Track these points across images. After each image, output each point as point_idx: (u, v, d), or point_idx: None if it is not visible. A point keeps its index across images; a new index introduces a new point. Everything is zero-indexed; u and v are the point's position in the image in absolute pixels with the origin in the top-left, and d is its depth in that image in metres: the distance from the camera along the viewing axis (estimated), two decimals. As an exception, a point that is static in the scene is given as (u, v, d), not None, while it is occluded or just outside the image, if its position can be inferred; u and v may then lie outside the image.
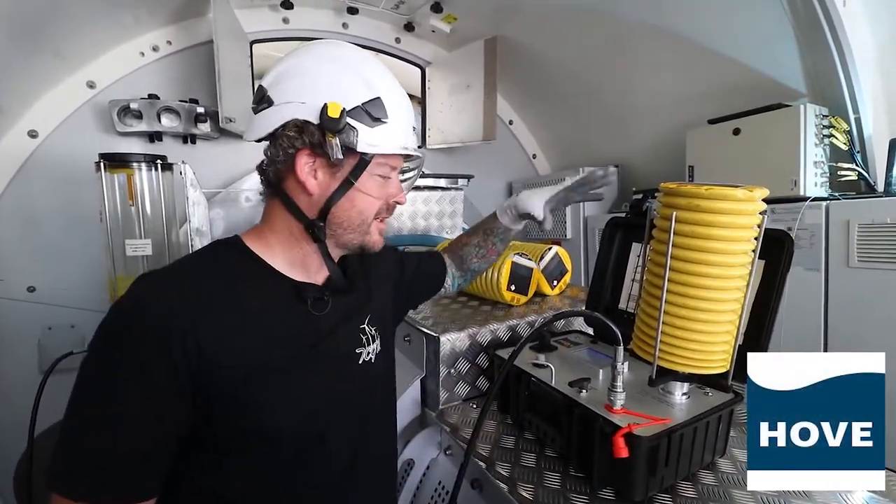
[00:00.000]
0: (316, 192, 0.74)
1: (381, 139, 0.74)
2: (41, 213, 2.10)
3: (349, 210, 0.76)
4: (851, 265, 1.60)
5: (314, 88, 0.71)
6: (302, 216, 0.76)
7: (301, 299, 0.77)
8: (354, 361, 0.84)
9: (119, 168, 1.71)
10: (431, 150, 3.04)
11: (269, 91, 0.74)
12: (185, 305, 0.65)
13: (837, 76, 1.73)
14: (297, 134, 0.71)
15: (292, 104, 0.71)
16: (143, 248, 1.74)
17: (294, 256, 0.78)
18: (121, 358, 0.61)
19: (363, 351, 0.85)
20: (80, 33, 1.98)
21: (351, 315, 0.86)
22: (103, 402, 0.61)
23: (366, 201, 0.77)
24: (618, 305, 1.22)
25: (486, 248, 1.17)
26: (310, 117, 0.70)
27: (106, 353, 0.63)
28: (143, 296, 0.65)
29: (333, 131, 0.69)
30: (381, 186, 0.79)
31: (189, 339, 0.62)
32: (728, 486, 0.87)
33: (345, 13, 2.63)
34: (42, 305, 2.13)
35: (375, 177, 0.77)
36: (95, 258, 1.86)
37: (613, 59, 2.49)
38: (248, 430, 0.69)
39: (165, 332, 0.61)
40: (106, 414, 0.61)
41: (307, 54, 0.75)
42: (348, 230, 0.78)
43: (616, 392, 0.86)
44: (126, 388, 0.61)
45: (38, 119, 2.05)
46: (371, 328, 0.89)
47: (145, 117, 2.13)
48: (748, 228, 0.81)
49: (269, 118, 0.73)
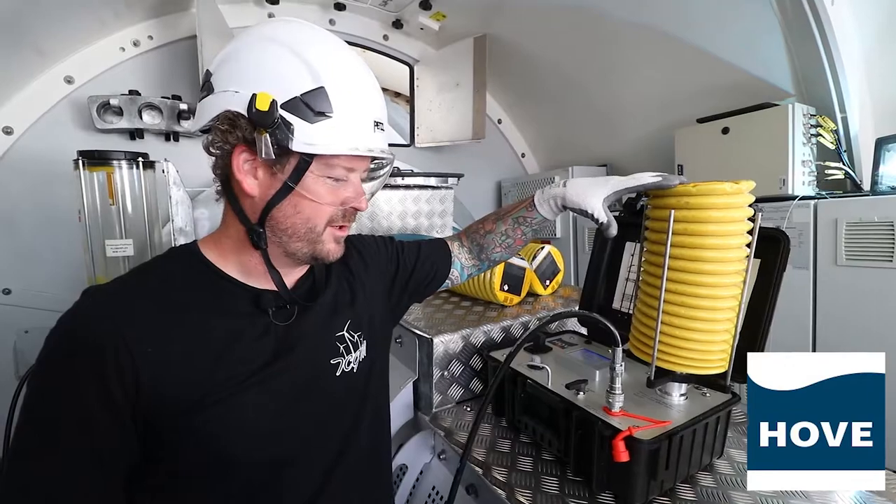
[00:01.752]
0: (255, 193, 0.65)
1: (325, 137, 0.62)
2: (17, 213, 2.03)
3: (293, 216, 0.67)
4: (839, 263, 1.62)
5: (246, 75, 0.62)
6: (245, 220, 0.67)
7: (261, 309, 0.70)
8: (330, 373, 0.76)
9: (98, 166, 1.65)
10: (420, 149, 3.02)
11: (213, 76, 0.65)
12: (121, 320, 0.59)
13: (825, 76, 1.75)
14: (230, 128, 0.62)
15: (227, 93, 0.62)
16: (125, 248, 1.68)
17: (247, 263, 0.70)
18: (55, 375, 0.58)
19: (341, 361, 0.77)
20: (57, 27, 1.92)
21: (324, 323, 0.78)
22: (41, 426, 0.58)
23: (312, 208, 0.67)
24: (612, 305, 1.21)
25: (515, 237, 1.00)
26: (241, 109, 0.61)
27: (44, 368, 0.60)
28: (80, 309, 0.61)
29: (263, 126, 0.60)
30: (334, 190, 0.68)
31: (123, 357, 0.57)
32: (727, 487, 0.86)
33: (332, 9, 2.59)
34: (18, 308, 2.07)
35: (325, 179, 0.67)
36: (74, 259, 1.79)
37: (603, 58, 2.49)
38: (204, 461, 0.63)
39: (98, 349, 0.57)
40: (44, 439, 0.57)
41: (248, 34, 0.66)
42: (294, 238, 0.68)
43: (615, 394, 0.84)
44: (60, 409, 0.57)
45: (13, 115, 1.98)
46: (353, 334, 0.80)
47: (126, 114, 2.07)
48: (740, 222, 0.80)
49: (207, 107, 0.64)
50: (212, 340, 0.64)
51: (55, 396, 0.57)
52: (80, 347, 0.58)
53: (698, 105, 2.16)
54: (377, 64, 2.82)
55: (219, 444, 0.63)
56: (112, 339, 0.58)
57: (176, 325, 0.63)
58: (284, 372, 0.69)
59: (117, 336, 0.58)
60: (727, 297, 0.82)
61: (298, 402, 0.71)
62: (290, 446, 0.69)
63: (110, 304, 0.62)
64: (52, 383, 0.58)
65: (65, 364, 0.58)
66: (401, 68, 2.99)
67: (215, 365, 0.63)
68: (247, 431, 0.65)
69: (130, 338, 0.58)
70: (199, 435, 0.62)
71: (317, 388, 0.74)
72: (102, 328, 0.59)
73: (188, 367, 0.61)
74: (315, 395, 0.73)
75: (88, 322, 0.60)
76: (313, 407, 0.73)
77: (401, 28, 2.79)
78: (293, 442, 0.70)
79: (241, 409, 0.64)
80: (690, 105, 2.22)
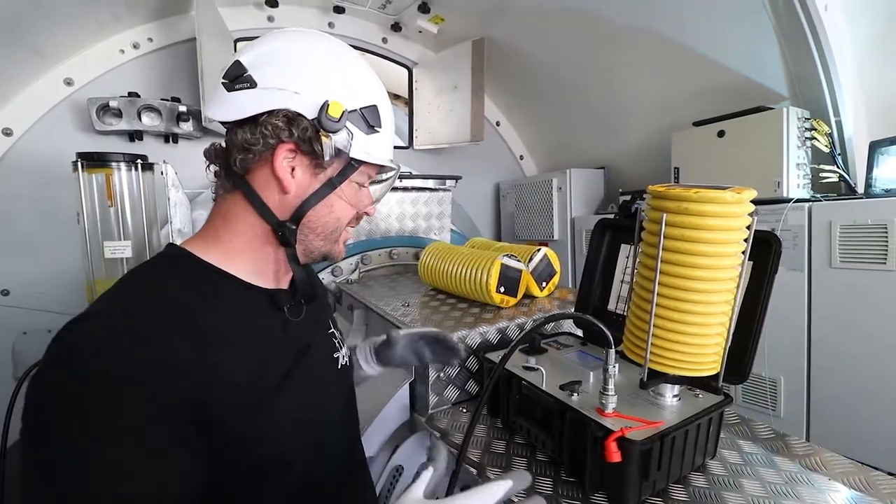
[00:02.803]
0: (292, 191, 0.67)
1: (374, 147, 0.71)
2: (16, 214, 2.05)
3: (326, 215, 0.71)
4: (834, 265, 1.63)
5: (310, 81, 0.66)
6: (270, 216, 0.68)
7: (277, 308, 0.72)
8: (334, 366, 0.82)
9: (97, 168, 1.66)
10: (419, 151, 3.04)
11: (252, 71, 0.65)
12: (170, 349, 0.54)
13: (819, 80, 1.76)
14: (286, 125, 0.64)
15: (284, 92, 0.64)
16: (123, 250, 1.69)
17: (259, 262, 0.70)
18: (109, 431, 0.49)
19: (339, 354, 0.84)
20: (57, 29, 1.93)
21: (320, 320, 0.84)
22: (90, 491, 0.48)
23: (343, 208, 0.73)
24: (607, 307, 1.22)
25: None
26: (304, 111, 0.64)
27: (80, 433, 0.48)
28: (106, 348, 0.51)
29: (330, 131, 0.65)
30: (356, 195, 0.75)
31: (184, 385, 0.53)
32: (720, 488, 0.87)
33: (331, 12, 2.61)
34: (17, 309, 2.07)
35: (354, 184, 0.73)
36: (72, 261, 1.80)
37: (600, 61, 2.51)
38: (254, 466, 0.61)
39: (150, 386, 0.51)
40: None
41: (301, 42, 0.69)
42: (320, 236, 0.72)
43: (608, 395, 0.85)
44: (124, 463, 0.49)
45: (12, 116, 2.00)
46: (337, 332, 0.87)
47: (125, 116, 2.09)
48: (738, 230, 0.81)
49: (249, 100, 0.65)
50: (244, 346, 0.63)
51: (113, 447, 0.49)
52: (121, 385, 0.50)
53: (694, 108, 2.17)
54: (376, 66, 2.81)
55: (264, 446, 0.62)
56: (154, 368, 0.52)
57: (211, 346, 0.58)
58: (308, 369, 0.72)
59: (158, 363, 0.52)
60: (720, 301, 0.83)
61: (322, 394, 0.75)
62: (322, 438, 0.73)
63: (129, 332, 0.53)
64: (105, 437, 0.49)
65: (119, 412, 0.50)
66: (399, 71, 3.01)
67: (256, 369, 0.62)
68: (291, 428, 0.66)
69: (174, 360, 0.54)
70: (248, 437, 0.60)
71: (333, 380, 0.80)
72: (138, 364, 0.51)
73: (230, 380, 0.58)
74: (333, 387, 0.79)
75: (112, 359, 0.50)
76: (335, 397, 0.79)
77: (399, 31, 2.81)
78: (324, 433, 0.73)
79: (282, 409, 0.64)
80: (687, 108, 2.24)
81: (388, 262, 2.26)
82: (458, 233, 2.89)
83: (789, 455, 0.98)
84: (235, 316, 0.64)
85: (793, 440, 1.03)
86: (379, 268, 2.23)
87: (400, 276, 2.19)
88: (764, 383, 1.82)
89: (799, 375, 1.74)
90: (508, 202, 3.32)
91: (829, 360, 1.68)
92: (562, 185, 2.91)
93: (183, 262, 0.66)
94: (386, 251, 2.26)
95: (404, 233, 2.42)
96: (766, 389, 1.82)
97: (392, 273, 2.25)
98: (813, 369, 1.72)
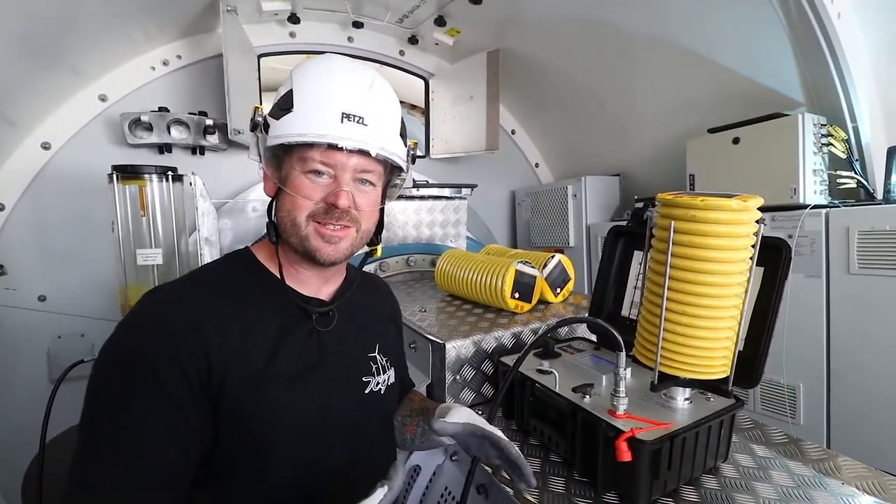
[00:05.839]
0: (270, 193, 0.79)
1: (285, 129, 0.72)
2: (53, 224, 2.15)
3: (281, 210, 0.77)
4: (852, 272, 1.62)
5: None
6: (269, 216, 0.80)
7: (306, 314, 0.78)
8: (360, 389, 0.83)
9: (131, 179, 1.75)
10: (435, 160, 3.09)
11: None
12: (190, 311, 0.67)
13: (834, 86, 1.76)
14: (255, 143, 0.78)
15: None
16: (154, 257, 1.77)
17: (288, 268, 0.80)
18: (132, 364, 0.63)
19: (371, 380, 0.85)
20: (92, 49, 2.04)
21: (359, 340, 0.87)
22: (118, 416, 0.61)
23: (293, 201, 0.74)
24: (620, 312, 1.24)
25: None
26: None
27: (117, 362, 0.64)
28: (152, 301, 0.69)
29: (252, 131, 0.76)
30: (314, 186, 0.74)
31: (196, 342, 0.64)
32: (731, 490, 0.88)
33: (350, 27, 2.68)
34: (52, 314, 2.17)
35: (304, 175, 0.73)
36: (105, 267, 1.90)
37: (615, 69, 2.53)
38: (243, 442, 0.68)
39: (172, 332, 0.64)
40: (122, 428, 0.60)
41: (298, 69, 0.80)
42: (286, 232, 0.76)
43: (619, 397, 0.87)
44: (140, 398, 0.61)
45: (51, 131, 2.10)
46: (383, 358, 0.89)
47: (155, 129, 2.18)
48: (744, 237, 0.83)
49: None
50: (267, 336, 0.73)
51: (133, 381, 0.62)
52: (156, 331, 0.64)
53: (709, 115, 2.18)
54: (393, 78, 2.90)
55: (253, 424, 0.68)
56: (184, 325, 0.65)
57: (235, 319, 0.70)
58: (324, 378, 0.77)
59: (189, 324, 0.65)
60: (728, 306, 0.85)
61: (331, 408, 0.77)
62: (321, 447, 0.75)
63: (180, 297, 0.70)
64: (129, 370, 0.62)
65: (142, 350, 0.63)
66: (416, 82, 3.07)
67: (271, 358, 0.71)
68: (287, 426, 0.71)
69: (201, 327, 0.66)
70: (243, 413, 0.68)
71: (348, 399, 0.81)
72: (174, 317, 0.66)
73: (247, 358, 0.69)
74: (345, 405, 0.80)
75: (162, 311, 0.67)
76: (341, 414, 0.79)
77: (416, 44, 2.88)
78: (323, 443, 0.76)
79: (284, 399, 0.71)
80: (702, 115, 2.24)
81: (405, 269, 2.31)
82: (473, 240, 2.93)
83: (803, 459, 0.98)
84: (267, 309, 0.75)
85: (807, 445, 1.03)
86: (396, 274, 2.28)
87: (417, 282, 2.24)
88: (782, 390, 1.81)
89: (818, 382, 1.72)
90: (524, 209, 3.35)
91: (848, 367, 1.66)
92: (577, 193, 2.93)
93: (243, 259, 0.81)
94: (403, 258, 2.31)
95: (421, 240, 2.47)
96: (785, 397, 1.80)
97: (409, 279, 2.30)
98: (832, 376, 1.70)
